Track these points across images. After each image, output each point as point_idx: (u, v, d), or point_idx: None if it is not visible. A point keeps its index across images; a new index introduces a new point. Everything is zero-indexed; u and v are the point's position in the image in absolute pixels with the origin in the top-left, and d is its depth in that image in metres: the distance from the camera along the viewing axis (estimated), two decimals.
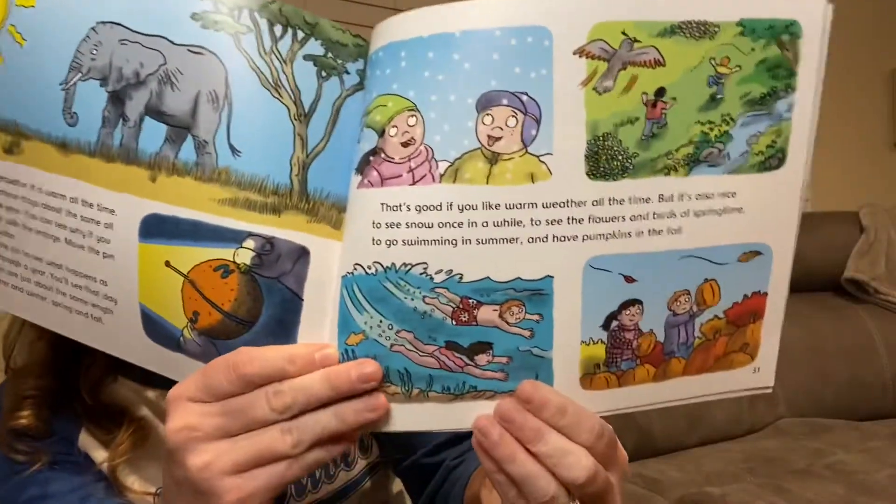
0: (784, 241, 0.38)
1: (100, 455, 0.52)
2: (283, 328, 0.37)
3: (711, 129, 0.36)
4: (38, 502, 0.50)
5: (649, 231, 0.36)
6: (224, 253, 0.36)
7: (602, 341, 0.38)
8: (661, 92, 0.35)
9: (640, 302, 0.37)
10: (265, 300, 0.36)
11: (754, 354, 0.41)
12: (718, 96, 0.35)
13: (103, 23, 0.35)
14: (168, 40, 0.35)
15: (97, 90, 0.35)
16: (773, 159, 0.37)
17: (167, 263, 0.36)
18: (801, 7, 0.35)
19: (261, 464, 0.34)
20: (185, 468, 0.34)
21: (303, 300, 0.37)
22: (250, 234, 0.36)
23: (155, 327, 0.38)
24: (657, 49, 0.34)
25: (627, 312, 0.37)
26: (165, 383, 0.55)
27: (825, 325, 1.75)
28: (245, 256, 0.36)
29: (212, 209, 0.35)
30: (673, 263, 0.37)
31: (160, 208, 0.36)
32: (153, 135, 0.35)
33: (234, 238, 0.36)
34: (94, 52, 0.35)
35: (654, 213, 0.36)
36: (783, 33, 0.35)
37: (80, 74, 0.35)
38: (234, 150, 0.35)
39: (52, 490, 0.50)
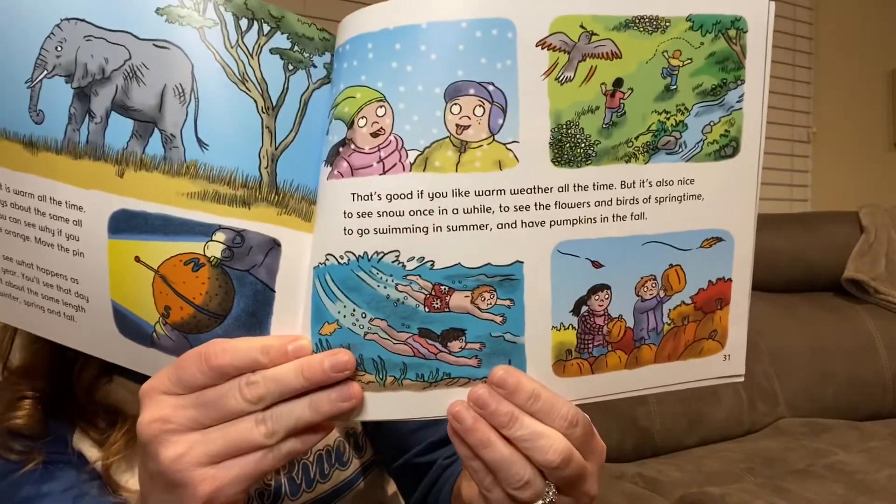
0: (743, 228, 0.40)
1: (93, 454, 0.52)
2: (256, 321, 0.37)
3: (668, 118, 0.37)
4: (32, 502, 0.50)
5: (613, 216, 0.37)
6: (194, 246, 0.36)
7: (573, 326, 0.38)
8: (618, 82, 0.36)
9: (608, 287, 0.38)
10: (237, 293, 0.36)
11: (723, 342, 0.41)
12: (672, 87, 0.37)
13: (67, 19, 0.35)
14: (133, 35, 0.35)
15: (63, 87, 0.36)
16: (727, 148, 0.39)
17: (137, 259, 0.36)
18: (745, 4, 0.37)
19: (235, 454, 0.34)
20: (158, 461, 0.34)
21: (275, 292, 0.37)
22: (220, 227, 0.36)
23: (127, 323, 0.38)
24: (614, 42, 0.36)
25: (596, 297, 0.38)
26: None
27: (825, 325, 1.75)
28: (215, 249, 0.36)
29: (181, 203, 0.35)
30: (638, 249, 0.38)
31: (129, 203, 0.36)
32: (120, 130, 0.35)
33: (204, 231, 0.36)
34: (59, 48, 0.35)
35: (617, 199, 0.37)
36: (730, 28, 0.37)
37: (45, 72, 0.35)
38: (201, 144, 0.35)
39: (45, 489, 0.50)
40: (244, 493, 0.35)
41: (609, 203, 0.37)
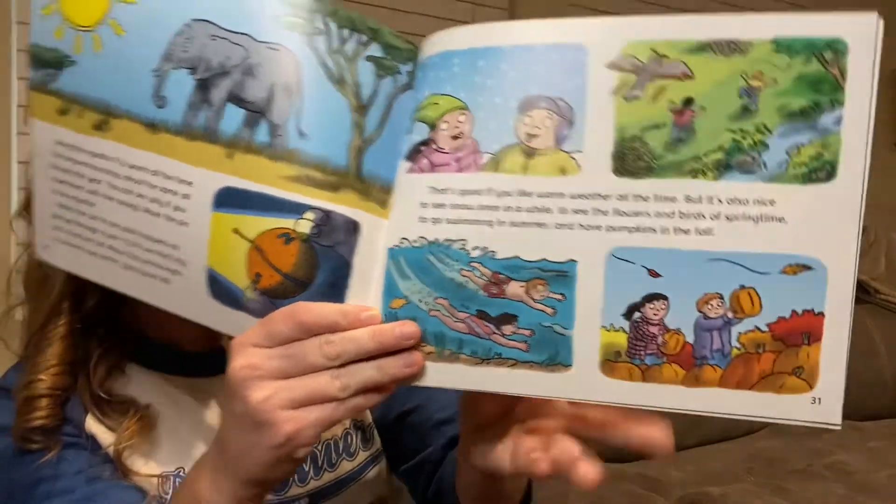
0: (841, 259, 0.37)
1: (106, 439, 0.56)
2: (335, 291, 0.42)
3: (744, 138, 0.37)
4: (47, 483, 0.53)
5: (675, 229, 0.38)
6: (287, 223, 0.41)
7: (624, 330, 0.39)
8: (688, 101, 0.37)
9: (665, 297, 0.39)
10: (320, 265, 0.41)
11: (812, 382, 0.38)
12: (751, 107, 0.37)
13: (196, 20, 0.40)
14: (251, 37, 0.40)
15: (186, 78, 0.41)
16: (819, 172, 0.37)
17: (236, 230, 0.42)
18: (847, 25, 0.36)
19: (312, 403, 0.39)
20: (246, 402, 0.38)
21: (352, 267, 0.42)
22: (311, 208, 0.41)
23: (219, 287, 0.43)
24: (686, 64, 0.37)
25: (651, 306, 0.39)
26: (175, 370, 0.59)
27: None
28: (305, 227, 0.41)
29: (279, 184, 0.41)
30: (702, 264, 0.38)
31: (234, 182, 0.41)
32: (233, 118, 0.41)
33: (297, 210, 0.41)
34: (187, 44, 0.40)
35: (680, 213, 0.38)
36: (825, 50, 0.36)
37: (172, 63, 0.41)
38: (302, 134, 0.40)
39: (60, 471, 0.54)
40: (317, 438, 0.40)
41: (670, 215, 0.38)
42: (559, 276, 0.40)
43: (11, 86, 1.46)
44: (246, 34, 0.40)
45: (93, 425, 0.56)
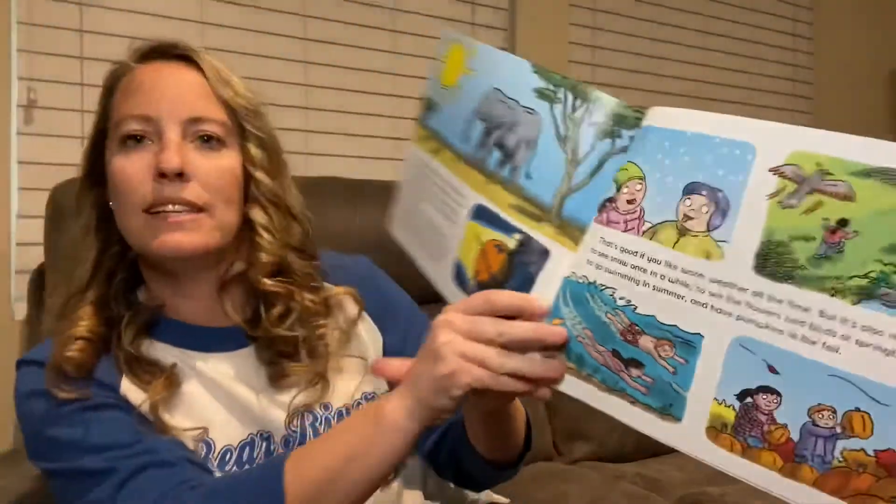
0: None
1: (139, 397, 0.64)
2: None
3: (894, 272, 0.37)
4: (86, 440, 0.61)
5: (803, 337, 0.39)
6: (503, 237, 0.55)
7: (734, 408, 0.42)
8: (844, 222, 0.38)
9: (778, 393, 0.41)
10: (514, 274, 0.54)
11: None
12: None
13: (495, 88, 0.57)
14: (518, 102, 0.55)
15: (480, 126, 0.58)
16: None
17: (476, 236, 0.57)
18: None
19: (476, 363, 0.50)
20: (434, 340, 0.52)
21: (535, 282, 0.53)
22: (519, 231, 0.54)
23: (459, 273, 0.60)
24: (850, 185, 0.38)
25: (763, 397, 0.41)
26: (193, 346, 0.71)
27: None
28: (512, 244, 0.54)
29: (504, 209, 0.55)
30: (823, 377, 0.39)
31: (484, 202, 0.57)
32: (494, 157, 0.57)
33: (510, 230, 0.54)
34: (487, 103, 0.58)
35: (811, 324, 0.39)
36: None
37: (478, 115, 0.59)
38: (528, 176, 0.54)
39: (101, 429, 0.62)
40: (469, 388, 0.51)
41: (801, 323, 0.39)
42: (685, 343, 0.45)
43: (11, 86, 1.38)
44: (515, 100, 0.55)
45: (127, 388, 0.65)
